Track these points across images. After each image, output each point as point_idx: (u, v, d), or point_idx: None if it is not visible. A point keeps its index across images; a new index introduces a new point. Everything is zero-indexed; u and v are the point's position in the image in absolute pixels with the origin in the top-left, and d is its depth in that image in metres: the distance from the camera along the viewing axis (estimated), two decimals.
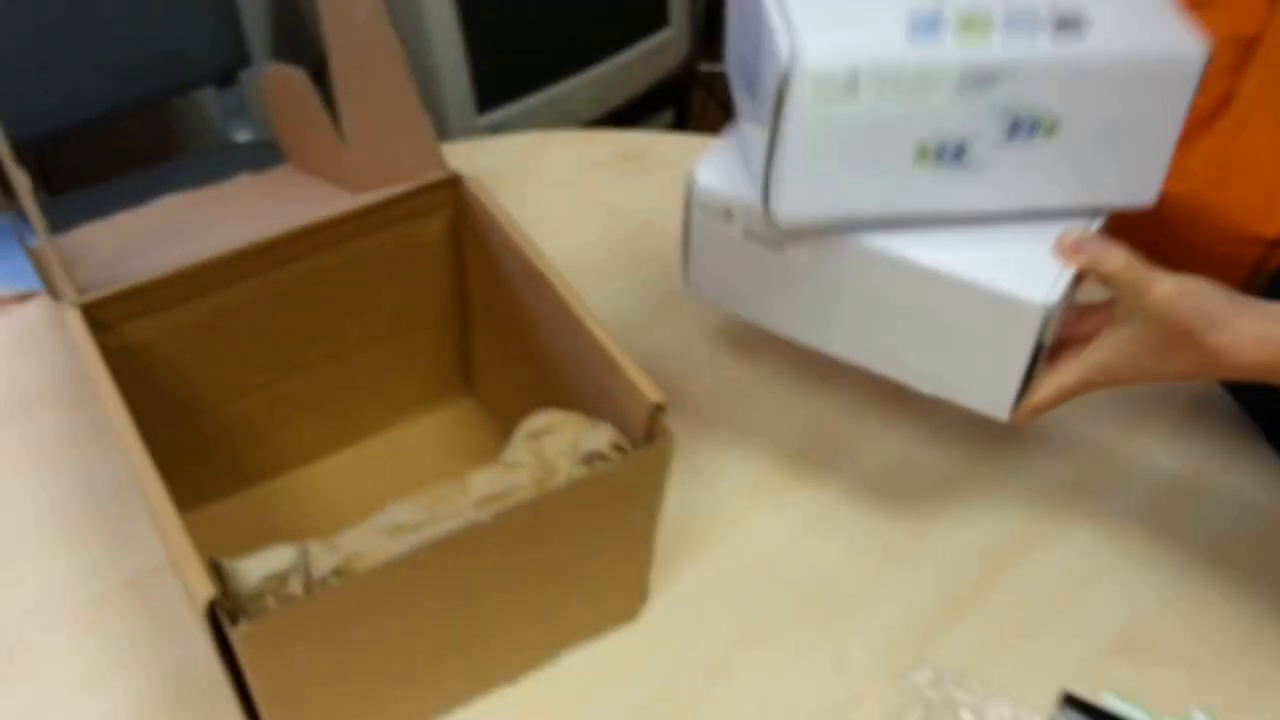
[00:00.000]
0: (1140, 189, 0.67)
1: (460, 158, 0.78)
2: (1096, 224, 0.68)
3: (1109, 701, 0.72)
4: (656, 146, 1.10)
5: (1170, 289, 0.63)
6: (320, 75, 1.85)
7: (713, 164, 0.69)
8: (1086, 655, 0.74)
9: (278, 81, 0.97)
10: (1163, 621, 0.76)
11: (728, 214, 0.67)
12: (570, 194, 1.06)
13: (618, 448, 0.62)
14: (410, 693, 0.67)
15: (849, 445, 0.86)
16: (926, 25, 0.60)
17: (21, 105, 1.31)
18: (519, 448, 0.62)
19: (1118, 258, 0.64)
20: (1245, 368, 0.64)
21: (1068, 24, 0.61)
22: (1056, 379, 0.68)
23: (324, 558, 0.56)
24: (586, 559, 0.66)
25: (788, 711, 0.71)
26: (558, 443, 0.62)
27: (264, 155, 1.48)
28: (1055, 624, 0.76)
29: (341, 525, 0.58)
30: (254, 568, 0.55)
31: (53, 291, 0.89)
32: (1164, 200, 1.43)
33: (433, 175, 0.75)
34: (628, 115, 1.76)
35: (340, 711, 0.63)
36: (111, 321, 0.66)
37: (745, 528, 0.81)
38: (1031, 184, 0.65)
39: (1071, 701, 0.72)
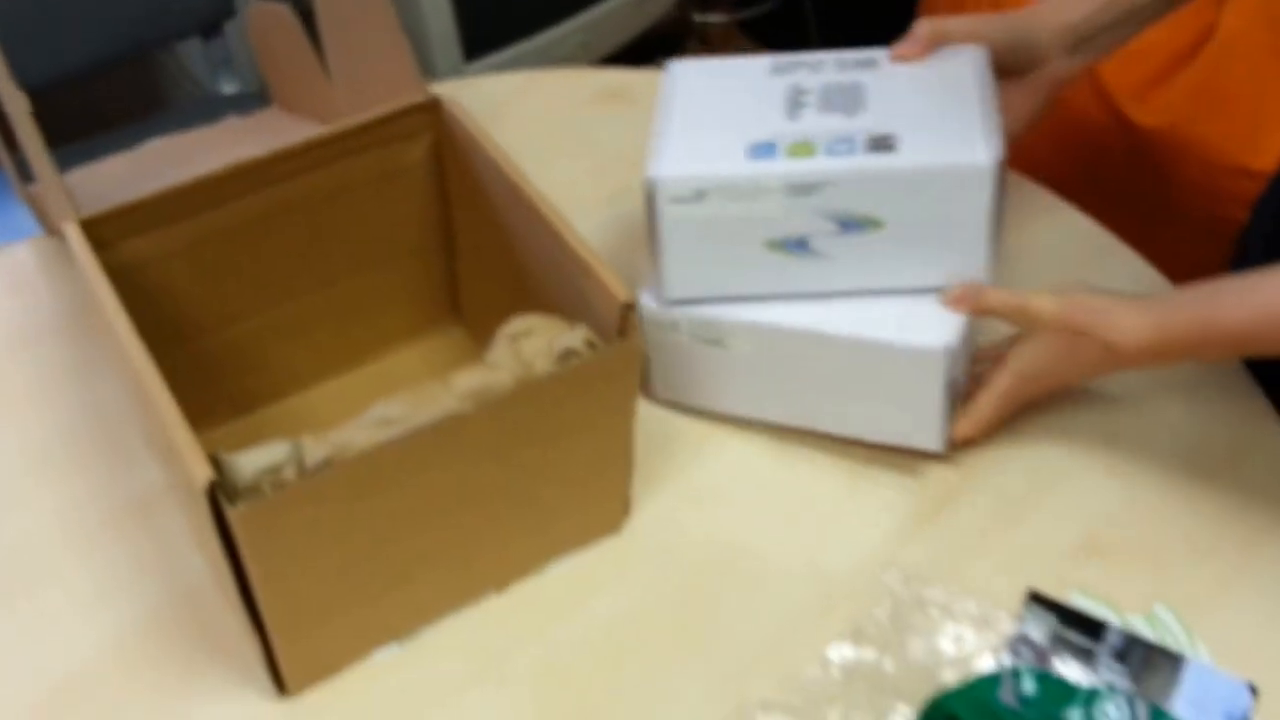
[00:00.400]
0: (967, 269, 0.80)
1: (450, 96, 0.84)
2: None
3: (1074, 599, 0.78)
4: (639, 83, 1.16)
5: (1050, 303, 0.77)
6: (305, 14, 1.93)
7: (668, 157, 0.79)
8: (1053, 556, 0.81)
9: (263, 19, 1.04)
10: (1128, 524, 0.82)
11: (699, 195, 0.77)
12: (555, 131, 1.12)
13: (591, 345, 0.68)
14: (401, 593, 0.73)
15: None
16: (763, 150, 0.77)
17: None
18: (499, 349, 0.69)
19: (993, 296, 0.78)
20: (1143, 354, 0.75)
21: (880, 144, 0.76)
22: (989, 388, 0.81)
23: (315, 449, 0.63)
24: (566, 457, 0.72)
25: (766, 615, 0.78)
26: (535, 344, 0.69)
27: (250, 106, 1.54)
28: (1022, 527, 0.82)
29: None
30: (250, 460, 0.62)
31: (49, 225, 0.96)
32: (1145, 135, 1.49)
33: (412, 98, 0.81)
34: (622, 60, 1.82)
35: (333, 606, 0.70)
36: (109, 239, 0.72)
37: (723, 444, 0.87)
38: (874, 268, 0.80)
39: (1037, 599, 0.78)
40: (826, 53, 0.85)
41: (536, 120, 1.13)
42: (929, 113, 0.79)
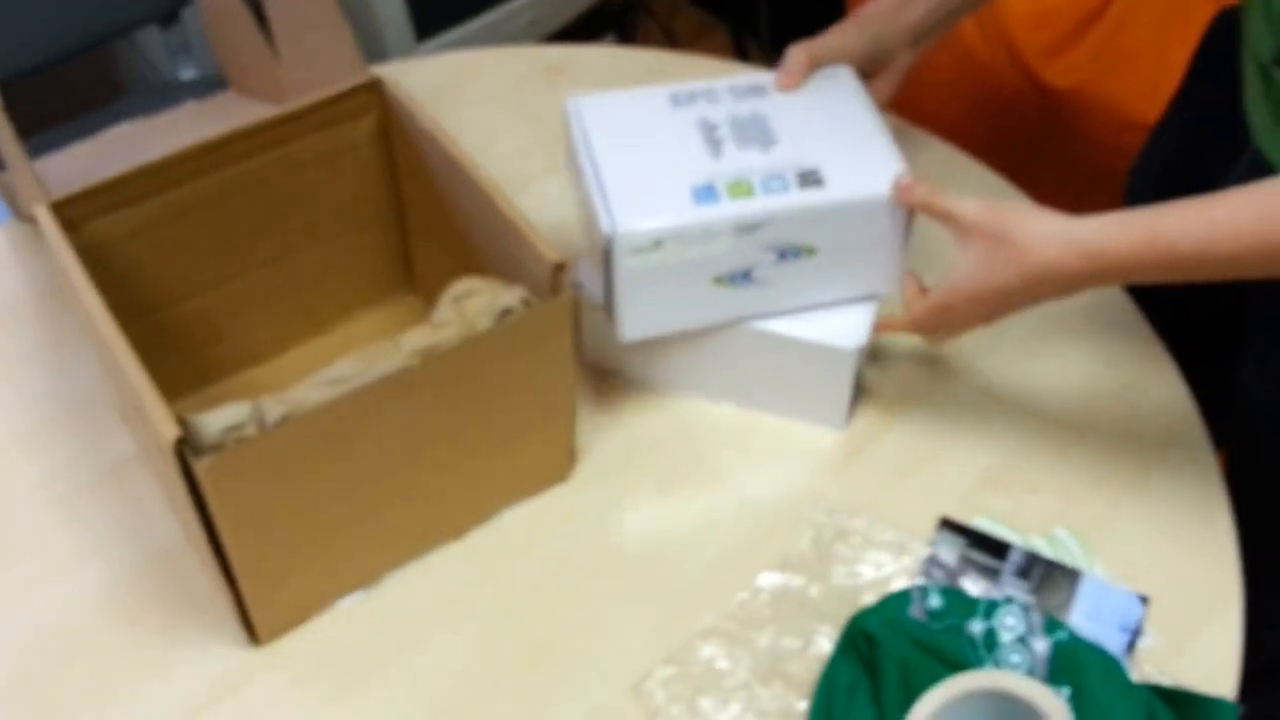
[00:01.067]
0: (885, 283, 0.86)
1: (391, 76, 0.87)
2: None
3: (981, 523, 0.84)
4: (577, 58, 1.20)
5: (974, 202, 0.76)
6: (255, 4, 1.93)
7: (619, 210, 0.80)
8: (963, 488, 0.86)
9: (216, 9, 1.06)
10: (1030, 456, 0.88)
11: (656, 244, 0.80)
12: (497, 107, 1.15)
13: (527, 303, 0.72)
14: (364, 543, 0.77)
15: None
16: (706, 193, 0.80)
17: None
18: (444, 309, 0.73)
19: (927, 193, 0.79)
20: (1067, 259, 0.73)
21: (809, 179, 0.81)
22: (923, 298, 0.81)
23: (274, 409, 0.67)
24: (511, 407, 0.76)
25: (705, 547, 0.83)
26: (478, 303, 0.73)
27: (209, 91, 1.56)
28: (935, 463, 0.87)
29: None
30: (213, 420, 0.66)
31: (19, 210, 0.98)
32: (1053, 94, 1.54)
33: (356, 79, 0.85)
34: (569, 36, 1.84)
35: (299, 556, 0.74)
36: (77, 221, 0.75)
37: (660, 402, 0.91)
38: (807, 289, 0.85)
39: (948, 524, 0.83)
40: (715, 80, 0.89)
41: (482, 97, 1.16)
42: (838, 143, 0.83)
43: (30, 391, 0.92)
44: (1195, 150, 0.99)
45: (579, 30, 1.85)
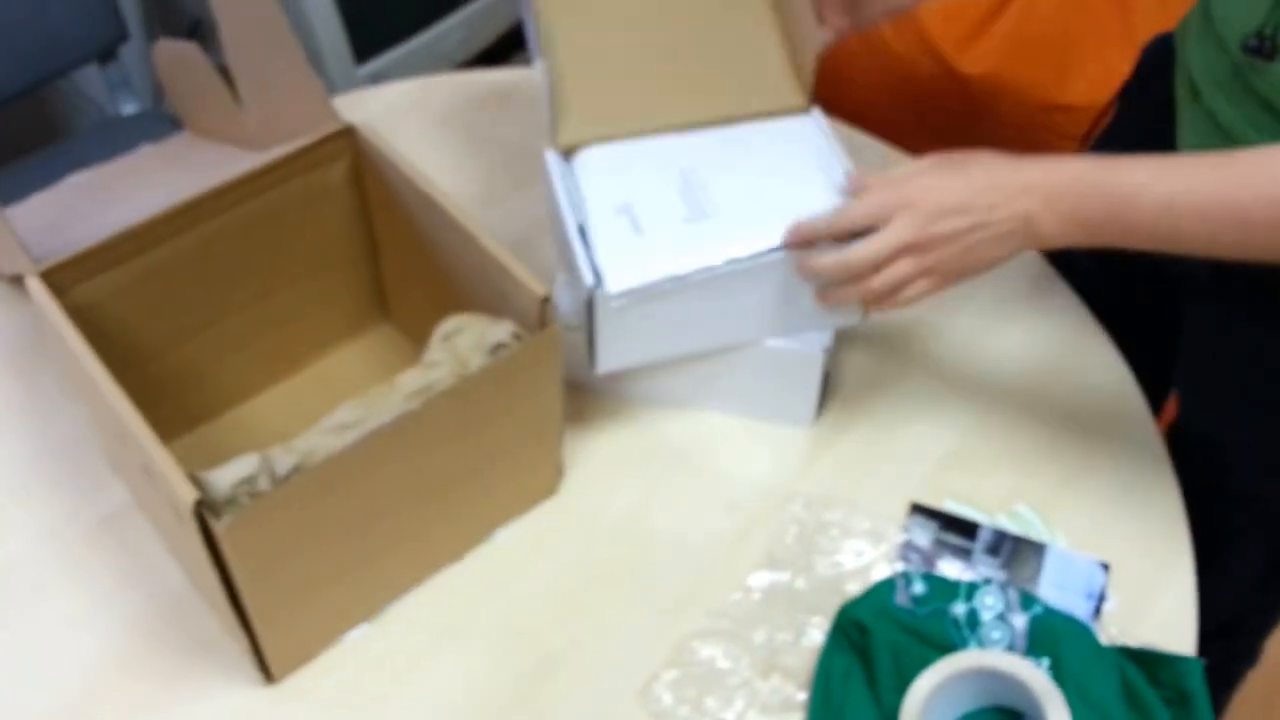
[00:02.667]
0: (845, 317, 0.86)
1: (347, 108, 0.86)
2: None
3: (949, 506, 0.85)
4: (523, 83, 1.19)
5: (858, 202, 0.76)
6: (194, 37, 1.89)
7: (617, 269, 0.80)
8: (927, 472, 0.87)
9: (169, 56, 1.03)
10: (985, 438, 0.90)
11: (639, 295, 0.80)
12: (454, 132, 1.14)
13: (517, 336, 0.72)
14: (368, 576, 0.77)
15: None
16: (687, 243, 0.79)
17: None
18: (436, 348, 0.72)
19: (809, 224, 0.77)
20: (1002, 168, 0.73)
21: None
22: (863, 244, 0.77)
23: (284, 459, 0.66)
24: (505, 436, 0.76)
25: (692, 548, 0.83)
26: (468, 340, 0.72)
27: (155, 125, 1.53)
28: (898, 451, 0.89)
29: None
30: (225, 476, 0.65)
31: None
32: (970, 83, 1.56)
33: (329, 128, 0.83)
34: (499, 51, 1.83)
35: (309, 597, 0.73)
36: (66, 285, 0.73)
37: (635, 414, 0.91)
38: (777, 317, 0.84)
39: (919, 509, 0.85)
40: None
41: (436, 124, 1.15)
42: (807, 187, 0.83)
43: (15, 448, 0.89)
44: None
45: (509, 43, 1.84)
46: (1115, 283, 0.99)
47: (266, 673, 0.75)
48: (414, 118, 1.15)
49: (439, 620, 0.80)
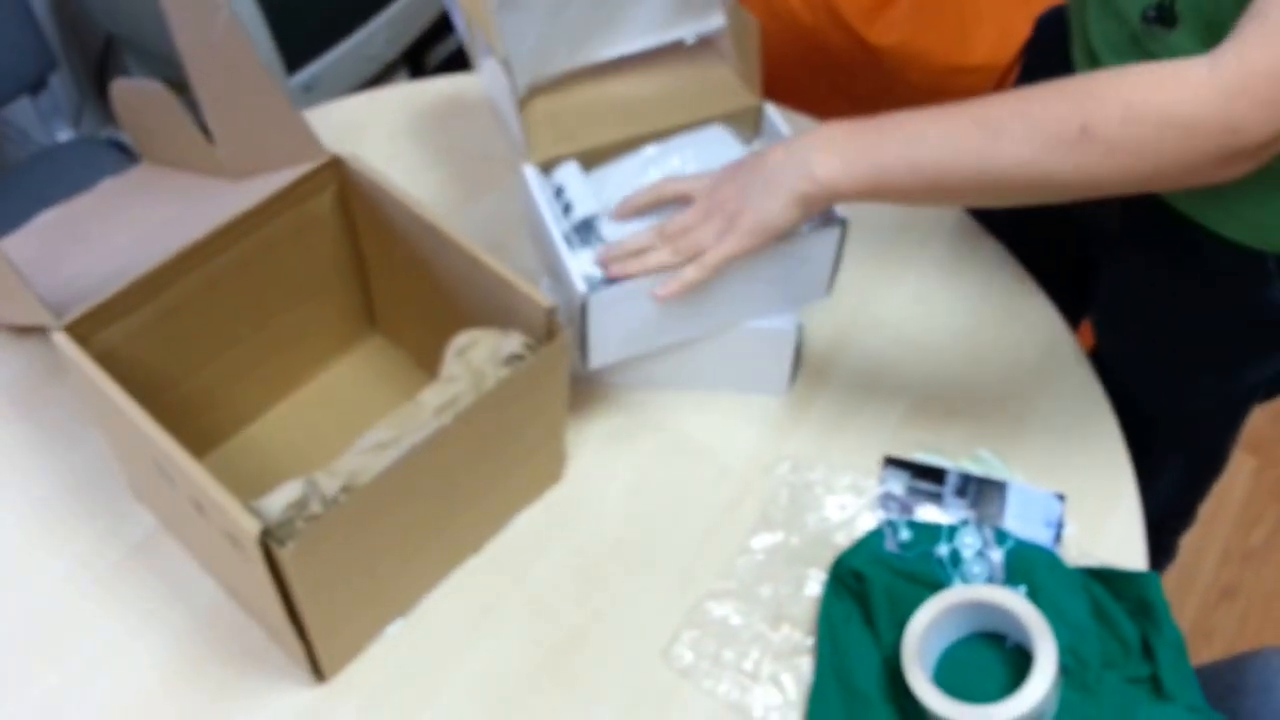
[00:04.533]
0: (820, 286, 0.92)
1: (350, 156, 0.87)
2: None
3: (917, 456, 0.92)
4: (466, 91, 1.21)
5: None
6: (108, 53, 1.86)
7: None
8: (894, 427, 0.94)
9: (130, 95, 1.04)
10: (942, 391, 0.96)
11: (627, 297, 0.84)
12: (409, 142, 1.16)
13: (528, 347, 0.76)
14: (405, 575, 0.80)
15: None
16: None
17: None
18: (451, 364, 0.76)
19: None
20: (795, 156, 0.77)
21: None
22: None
23: (329, 481, 0.69)
24: (520, 437, 0.80)
25: (692, 516, 0.88)
26: (481, 353, 0.76)
27: (94, 152, 1.51)
28: (867, 408, 0.95)
29: (299, 463, 0.70)
30: (274, 502, 0.68)
31: None
32: (880, 53, 1.62)
33: (317, 160, 0.85)
34: (425, 43, 1.83)
35: (357, 600, 0.77)
36: (86, 336, 0.75)
37: (624, 397, 0.96)
38: (753, 299, 0.89)
39: (891, 461, 0.91)
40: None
41: (391, 135, 1.16)
42: None
43: (36, 488, 0.90)
44: None
45: (433, 35, 1.84)
46: (1032, 233, 1.05)
47: (318, 672, 0.79)
48: (369, 131, 1.17)
49: (468, 608, 0.84)
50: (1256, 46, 0.64)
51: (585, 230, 0.86)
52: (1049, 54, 0.99)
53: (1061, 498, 0.88)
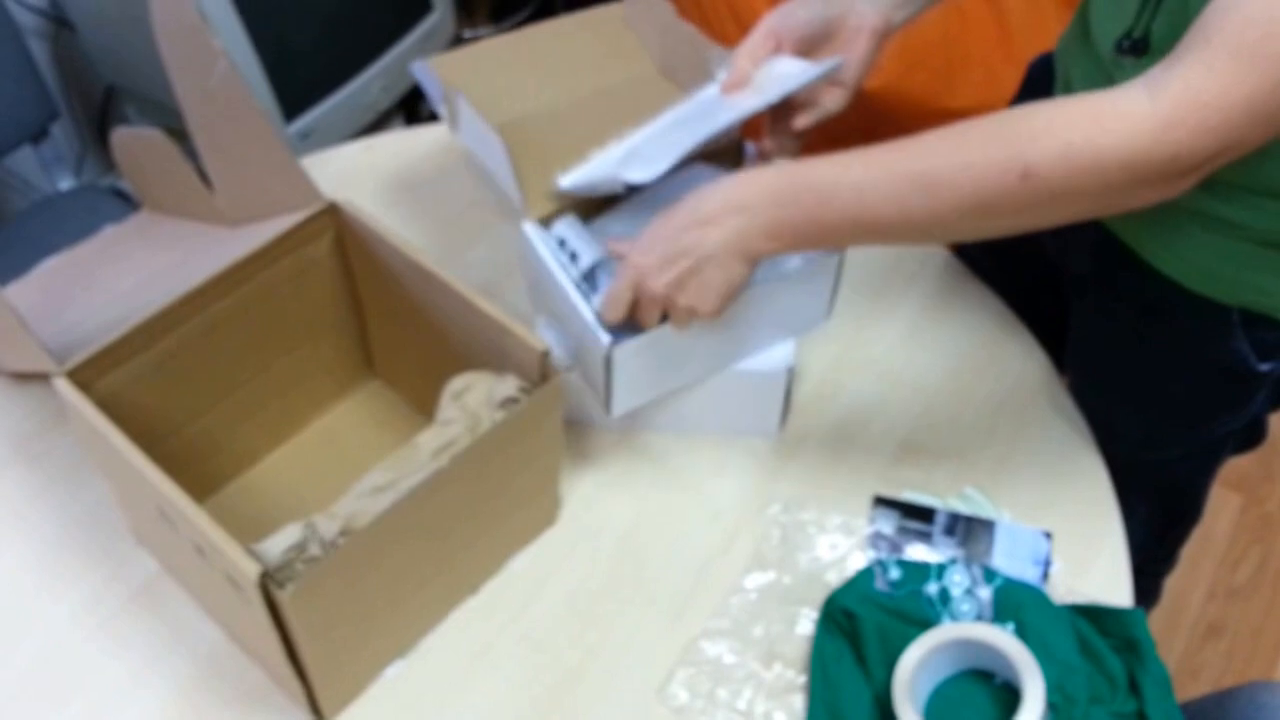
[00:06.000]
0: (822, 310, 0.93)
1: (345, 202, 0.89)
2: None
3: (906, 494, 0.92)
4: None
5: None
6: (109, 103, 1.88)
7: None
8: (883, 466, 0.94)
9: (131, 143, 1.05)
10: (929, 431, 0.97)
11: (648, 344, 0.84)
12: (403, 189, 1.17)
13: (523, 390, 0.77)
14: (403, 617, 0.81)
15: None
16: None
17: None
18: (447, 407, 0.76)
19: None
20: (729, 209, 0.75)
21: None
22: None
23: (328, 524, 0.69)
24: (516, 479, 0.81)
25: (688, 559, 0.89)
26: (477, 396, 0.76)
27: (97, 200, 1.52)
28: (855, 449, 0.96)
29: (298, 507, 0.71)
30: (274, 545, 0.68)
31: None
32: (868, 96, 1.64)
33: (314, 206, 0.86)
34: (419, 92, 1.85)
35: (357, 641, 0.77)
36: (88, 381, 0.75)
37: (618, 441, 0.96)
38: (766, 325, 0.90)
39: (881, 501, 0.92)
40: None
41: (387, 182, 1.18)
42: None
43: (39, 533, 0.90)
44: None
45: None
46: (1011, 277, 1.07)
47: (318, 714, 0.79)
48: (364, 178, 1.18)
49: (466, 648, 0.84)
50: (1200, 74, 0.64)
51: (590, 278, 0.87)
52: (1036, 99, 1.01)
53: (1049, 536, 0.89)
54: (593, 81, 1.04)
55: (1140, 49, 0.79)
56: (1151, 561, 1.22)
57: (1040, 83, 1.01)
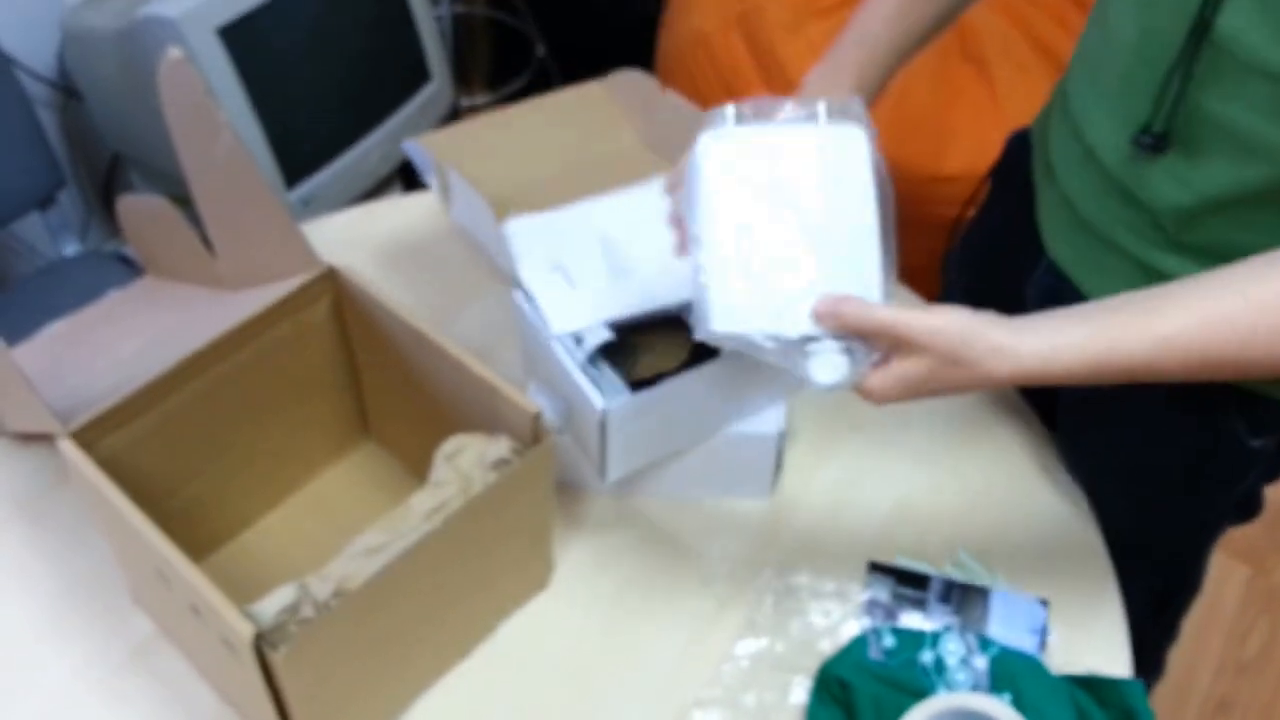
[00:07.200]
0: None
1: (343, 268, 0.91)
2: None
3: (900, 560, 0.93)
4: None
5: (919, 326, 0.69)
6: (114, 171, 1.91)
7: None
8: (876, 532, 0.95)
9: (136, 209, 1.08)
10: (923, 495, 0.98)
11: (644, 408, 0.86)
12: (401, 253, 1.20)
13: (515, 451, 0.78)
14: (395, 680, 0.81)
15: None
16: None
17: None
18: (440, 468, 0.78)
19: (852, 312, 0.71)
20: (1023, 379, 0.69)
21: None
22: (876, 376, 0.72)
23: (321, 586, 0.70)
24: (508, 540, 0.82)
25: (680, 626, 0.89)
26: (469, 458, 0.78)
27: (102, 265, 1.55)
28: (850, 513, 0.97)
29: (292, 568, 0.72)
30: (268, 606, 0.69)
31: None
32: None
33: (313, 271, 0.89)
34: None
35: (348, 703, 0.77)
36: (90, 442, 0.77)
37: (610, 500, 0.98)
38: (756, 390, 0.92)
39: (875, 567, 0.92)
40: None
41: (384, 246, 1.20)
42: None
43: (40, 591, 0.91)
44: (998, 256, 1.06)
45: None
46: None
47: None
48: (363, 243, 1.21)
49: (457, 714, 0.84)
50: None
51: (595, 358, 0.89)
52: (1013, 172, 1.03)
53: (1045, 604, 0.89)
54: (578, 154, 1.07)
55: (1162, 145, 0.79)
56: (1152, 634, 1.22)
57: (1018, 159, 1.03)
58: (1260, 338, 0.65)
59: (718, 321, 0.73)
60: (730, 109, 0.77)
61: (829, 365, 0.72)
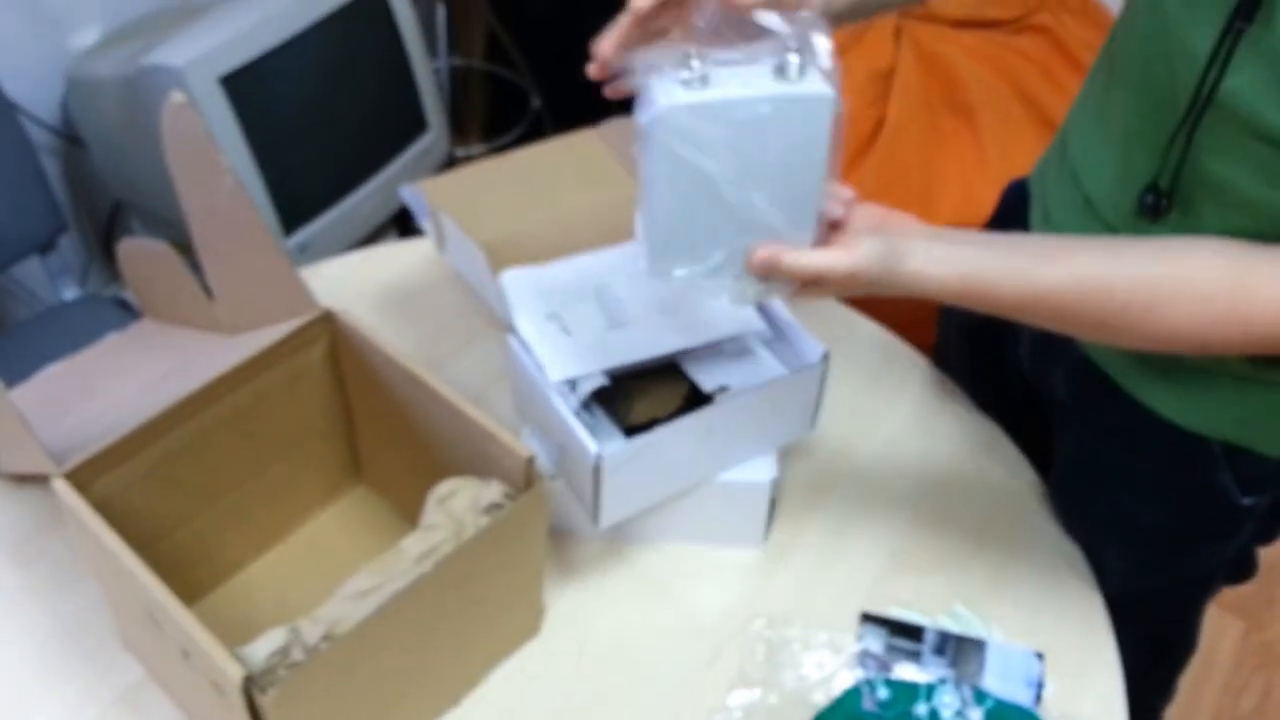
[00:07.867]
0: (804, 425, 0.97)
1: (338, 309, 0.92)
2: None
3: (894, 612, 0.93)
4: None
5: (843, 264, 0.72)
6: (116, 217, 1.92)
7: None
8: (870, 581, 0.95)
9: (136, 253, 1.09)
10: (917, 545, 0.98)
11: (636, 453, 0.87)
12: (398, 296, 1.20)
13: (508, 496, 0.78)
14: None
15: None
16: None
17: None
18: (432, 512, 0.78)
19: (789, 261, 0.73)
20: (938, 288, 0.74)
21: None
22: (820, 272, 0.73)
23: (312, 629, 0.70)
24: (500, 585, 0.82)
25: (671, 675, 0.89)
26: (462, 501, 0.78)
27: (101, 309, 1.56)
28: (843, 563, 0.97)
29: (284, 611, 0.72)
30: (258, 649, 0.69)
31: None
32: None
33: (310, 314, 0.89)
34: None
35: None
36: (85, 483, 0.77)
37: (602, 546, 0.98)
38: (752, 434, 0.93)
39: (869, 618, 0.92)
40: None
41: (380, 291, 1.21)
42: None
43: (30, 632, 0.91)
44: None
45: None
46: (993, 396, 1.09)
47: None
48: (360, 288, 1.21)
49: None
50: None
51: (590, 403, 0.89)
52: (1009, 222, 1.04)
53: (1041, 656, 0.89)
54: (572, 200, 1.09)
55: (1167, 206, 0.79)
56: (1147, 693, 1.21)
57: (1016, 209, 1.04)
58: (1132, 312, 0.73)
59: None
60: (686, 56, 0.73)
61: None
